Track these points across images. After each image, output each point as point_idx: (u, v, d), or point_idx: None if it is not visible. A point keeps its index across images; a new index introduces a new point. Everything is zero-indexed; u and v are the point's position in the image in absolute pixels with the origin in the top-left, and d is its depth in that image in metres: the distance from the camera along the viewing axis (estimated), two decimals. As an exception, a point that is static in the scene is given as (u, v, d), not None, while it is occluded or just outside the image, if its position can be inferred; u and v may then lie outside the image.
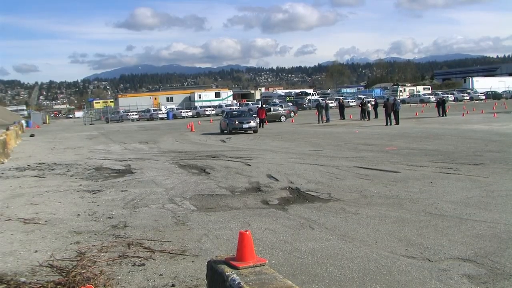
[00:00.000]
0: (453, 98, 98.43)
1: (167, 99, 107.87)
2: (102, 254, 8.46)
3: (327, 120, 49.50)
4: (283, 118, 55.44)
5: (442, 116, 49.54)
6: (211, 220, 10.77)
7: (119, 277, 7.42)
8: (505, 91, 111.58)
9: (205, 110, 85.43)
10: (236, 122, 39.71)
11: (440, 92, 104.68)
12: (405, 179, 14.97)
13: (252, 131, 39.68)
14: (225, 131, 40.87)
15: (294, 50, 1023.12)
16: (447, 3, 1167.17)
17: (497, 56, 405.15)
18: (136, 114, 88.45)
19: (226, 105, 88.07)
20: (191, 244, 8.98)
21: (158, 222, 10.82)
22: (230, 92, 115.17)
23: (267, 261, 5.84)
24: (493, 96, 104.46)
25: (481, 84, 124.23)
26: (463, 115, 51.02)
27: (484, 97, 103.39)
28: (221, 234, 9.62)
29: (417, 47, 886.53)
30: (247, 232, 5.92)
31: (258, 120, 43.81)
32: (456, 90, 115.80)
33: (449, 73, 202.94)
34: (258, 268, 5.61)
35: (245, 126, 39.50)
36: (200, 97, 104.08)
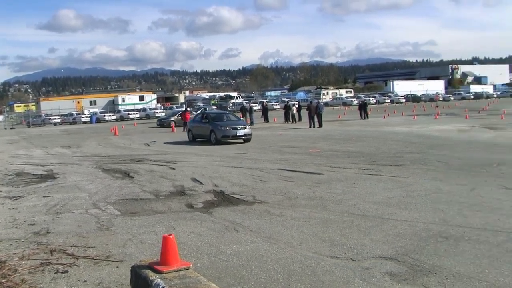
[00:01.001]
0: (374, 101, 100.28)
1: (91, 103, 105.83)
2: (23, 262, 8.24)
3: (251, 123, 49.52)
4: None
5: (364, 118, 50.44)
6: (135, 225, 10.65)
7: (41, 285, 7.25)
8: (424, 94, 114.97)
9: (129, 114, 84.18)
10: (227, 128, 30.03)
11: (362, 95, 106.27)
12: (328, 180, 15.19)
13: (242, 140, 30.35)
14: (199, 139, 32.56)
15: (219, 54, 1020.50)
16: (369, 8, 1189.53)
17: (416, 60, 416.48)
18: (58, 118, 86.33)
19: (150, 109, 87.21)
20: (115, 250, 8.86)
21: (81, 227, 10.62)
22: (154, 96, 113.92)
23: (191, 265, 5.84)
24: (412, 99, 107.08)
25: (402, 87, 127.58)
26: (384, 117, 52.12)
27: (404, 100, 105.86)
28: (146, 238, 9.53)
29: (340, 51, 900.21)
30: (171, 236, 5.90)
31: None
32: (378, 93, 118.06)
33: (371, 77, 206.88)
34: (182, 272, 5.60)
35: (240, 133, 29.92)
36: (124, 101, 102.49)
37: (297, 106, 54.67)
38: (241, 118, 41.66)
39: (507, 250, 8.08)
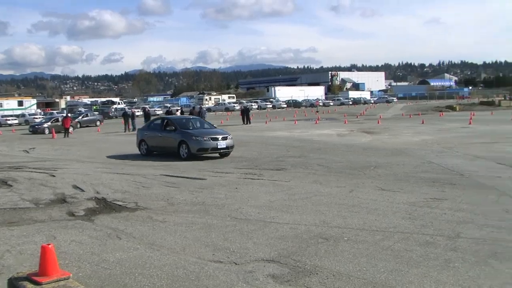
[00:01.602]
0: (257, 106, 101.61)
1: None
2: None
3: (134, 128, 49.03)
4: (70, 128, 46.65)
5: (247, 123, 51.02)
6: (14, 235, 10.25)
7: None
8: (305, 99, 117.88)
9: (6, 120, 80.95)
10: (205, 139, 23.37)
11: (244, 101, 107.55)
12: (211, 185, 15.26)
13: (219, 154, 24.16)
14: (157, 152, 25.81)
15: (101, 58, 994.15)
16: (252, 15, 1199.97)
17: (298, 67, 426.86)
18: None
19: (29, 114, 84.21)
20: (-9, 261, 8.51)
21: (-46, 239, 10.13)
22: (34, 101, 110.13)
23: (71, 274, 5.71)
24: (294, 104, 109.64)
25: (283, 93, 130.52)
26: (266, 122, 52.94)
27: (285, 106, 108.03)
28: (25, 249, 9.20)
29: (222, 57, 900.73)
30: (50, 246, 5.76)
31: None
32: (260, 99, 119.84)
33: (253, 82, 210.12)
34: (62, 282, 5.49)
35: (221, 145, 23.53)
36: (1, 106, 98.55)
37: (180, 111, 54.51)
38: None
39: (383, 248, 8.43)
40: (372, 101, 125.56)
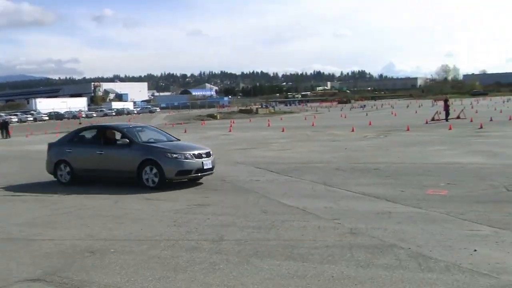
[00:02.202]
0: (17, 120, 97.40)
1: None
2: None
3: None
4: None
5: (6, 138, 48.72)
6: None
7: None
8: (67, 111, 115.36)
9: None
10: (188, 156, 15.97)
11: (3, 114, 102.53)
12: (-34, 205, 14.43)
13: (187, 179, 16.62)
14: (82, 177, 17.51)
15: None
16: (10, 24, 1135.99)
17: (59, 78, 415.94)
18: None
19: None
20: None
21: None
22: None
23: None
24: (56, 116, 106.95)
25: (45, 105, 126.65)
26: (27, 136, 50.83)
27: (47, 118, 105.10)
28: None
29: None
30: None
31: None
32: (20, 111, 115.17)
33: (12, 94, 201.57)
34: None
35: (207, 164, 16.41)
36: None
37: None
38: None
39: (150, 257, 8.56)
40: (136, 112, 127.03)
